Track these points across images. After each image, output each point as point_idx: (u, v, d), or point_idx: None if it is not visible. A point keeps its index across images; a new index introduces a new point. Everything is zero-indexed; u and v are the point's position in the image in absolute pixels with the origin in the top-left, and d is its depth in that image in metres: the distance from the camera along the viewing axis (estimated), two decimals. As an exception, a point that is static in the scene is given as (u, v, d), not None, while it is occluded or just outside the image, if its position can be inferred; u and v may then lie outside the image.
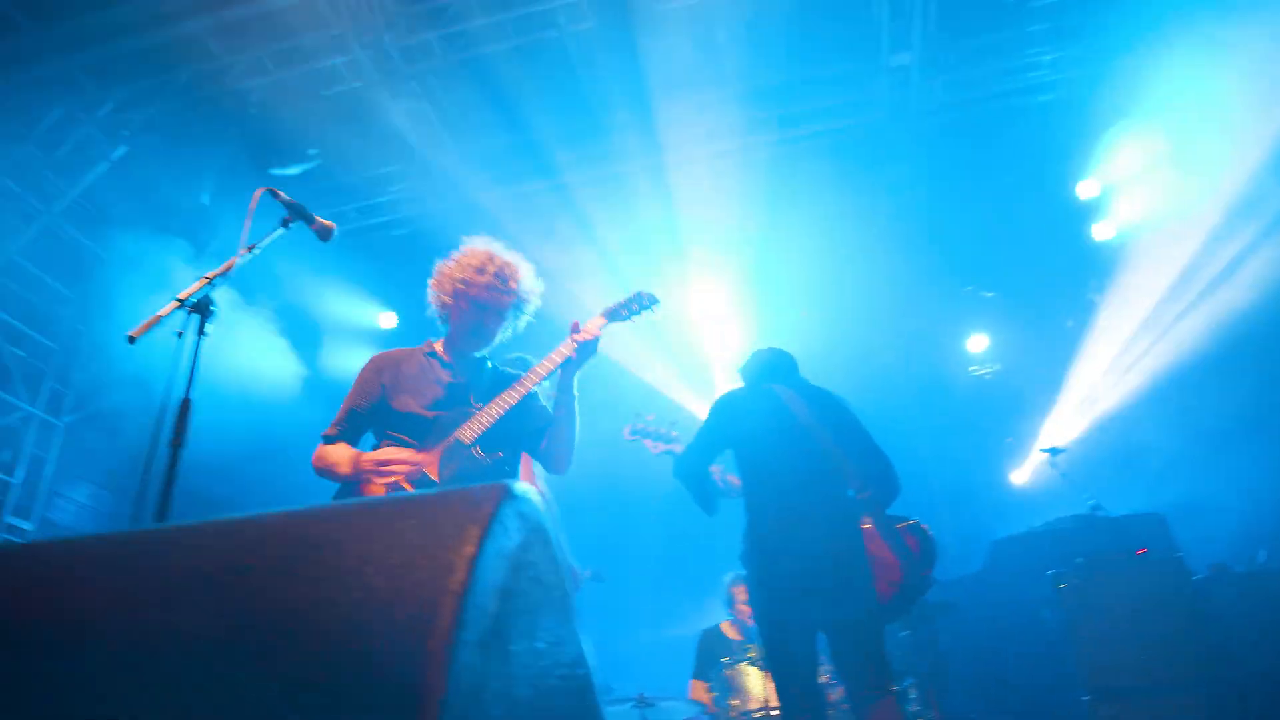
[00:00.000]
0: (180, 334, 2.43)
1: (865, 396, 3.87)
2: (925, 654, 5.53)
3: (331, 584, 0.65)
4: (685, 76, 7.11)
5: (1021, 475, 8.86)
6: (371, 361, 3.21)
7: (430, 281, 3.28)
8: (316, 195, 8.02)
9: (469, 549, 0.66)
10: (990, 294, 9.09)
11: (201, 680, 0.63)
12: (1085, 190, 8.06)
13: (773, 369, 4.00)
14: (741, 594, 5.84)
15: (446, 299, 3.19)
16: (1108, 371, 8.24)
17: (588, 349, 3.13)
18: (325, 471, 2.98)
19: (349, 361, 8.71)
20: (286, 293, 8.20)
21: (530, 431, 3.16)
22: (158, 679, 0.65)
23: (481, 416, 2.97)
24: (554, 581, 0.80)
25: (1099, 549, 5.55)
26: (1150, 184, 7.79)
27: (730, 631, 5.89)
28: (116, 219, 7.63)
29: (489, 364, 3.29)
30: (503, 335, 3.24)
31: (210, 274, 2.55)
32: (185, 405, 2.37)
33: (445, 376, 3.14)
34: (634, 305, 3.39)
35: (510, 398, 2.99)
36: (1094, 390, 8.36)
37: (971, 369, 9.60)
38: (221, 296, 2.60)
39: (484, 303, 3.15)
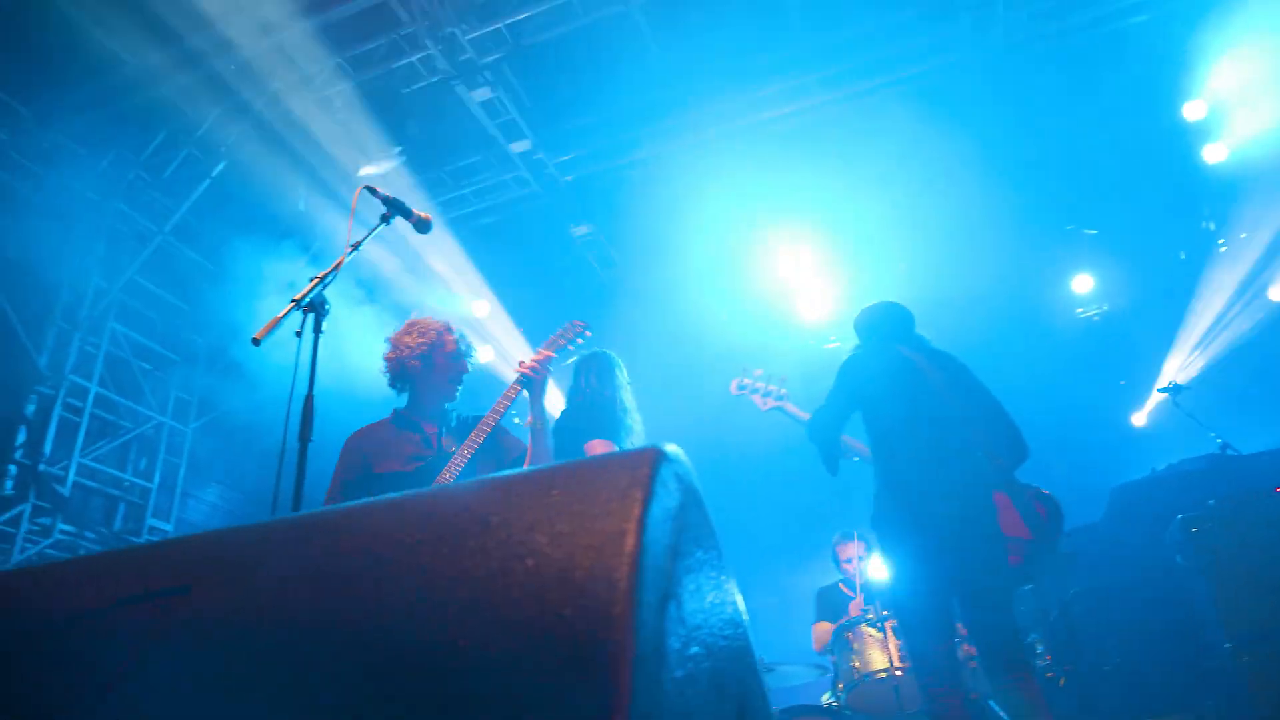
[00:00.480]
0: (298, 333, 2.54)
1: (970, 346, 3.76)
2: (1051, 606, 5.38)
3: (503, 553, 0.67)
4: (760, 37, 6.99)
5: (1140, 418, 8.49)
6: (350, 439, 3.46)
7: (390, 354, 3.53)
8: (402, 192, 8.23)
9: (636, 510, 0.66)
10: (1093, 231, 8.68)
11: (389, 655, 0.66)
12: (1192, 112, 7.57)
13: (893, 326, 3.91)
14: (848, 550, 5.79)
15: (415, 362, 3.45)
16: (1231, 302, 7.78)
17: (539, 377, 3.44)
18: None
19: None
20: (380, 289, 8.46)
21: (510, 461, 3.46)
22: (345, 658, 0.68)
23: (456, 459, 3.24)
24: (710, 541, 0.80)
25: (1231, 489, 5.28)
26: (1262, 99, 7.28)
27: (841, 587, 5.85)
28: (221, 231, 8.00)
29: (454, 414, 3.58)
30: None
31: (320, 274, 2.64)
32: (309, 402, 2.48)
33: (415, 435, 3.42)
34: (570, 333, 3.73)
35: (478, 437, 3.29)
36: (1217, 323, 7.92)
37: (1078, 311, 9.22)
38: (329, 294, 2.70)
39: (454, 357, 3.53)
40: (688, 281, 8.66)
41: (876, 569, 6.00)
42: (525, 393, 3.44)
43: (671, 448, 0.81)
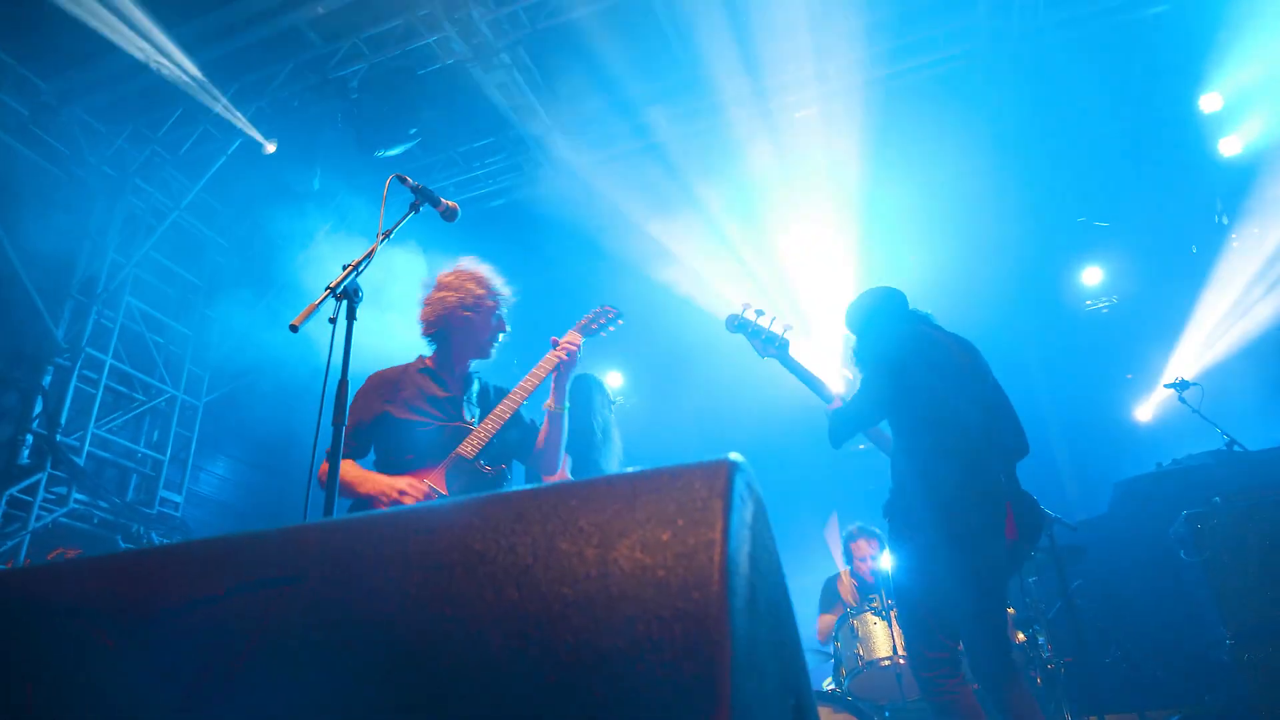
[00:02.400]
0: (332, 320, 2.58)
1: (977, 338, 3.73)
2: (1054, 598, 5.45)
3: (599, 557, 0.72)
4: (775, 25, 6.99)
5: (1145, 412, 8.53)
6: (369, 380, 3.35)
7: (430, 298, 3.39)
8: (416, 173, 8.25)
9: (720, 520, 0.72)
10: (1105, 224, 8.69)
11: (497, 657, 0.71)
12: (1208, 104, 7.57)
13: (902, 310, 3.76)
14: (862, 549, 5.85)
15: (466, 313, 3.32)
16: (1241, 298, 7.80)
17: (570, 362, 3.32)
18: (342, 488, 3.00)
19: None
20: (393, 272, 8.50)
21: (520, 441, 3.34)
22: (445, 656, 0.74)
23: (480, 431, 3.12)
24: (773, 546, 0.86)
25: (1237, 485, 5.33)
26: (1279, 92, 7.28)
27: (845, 580, 5.92)
28: (235, 208, 8.04)
29: (476, 379, 3.46)
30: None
31: (353, 262, 2.69)
32: (342, 387, 2.53)
33: (440, 392, 3.29)
34: (602, 320, 3.57)
35: (504, 411, 3.17)
36: (1225, 320, 7.94)
37: (1087, 303, 9.25)
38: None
39: (496, 316, 3.38)
40: (700, 265, 8.69)
41: (885, 560, 6.08)
42: (558, 371, 3.31)
43: (738, 457, 0.87)
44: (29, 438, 7.00)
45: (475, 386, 3.44)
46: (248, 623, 0.78)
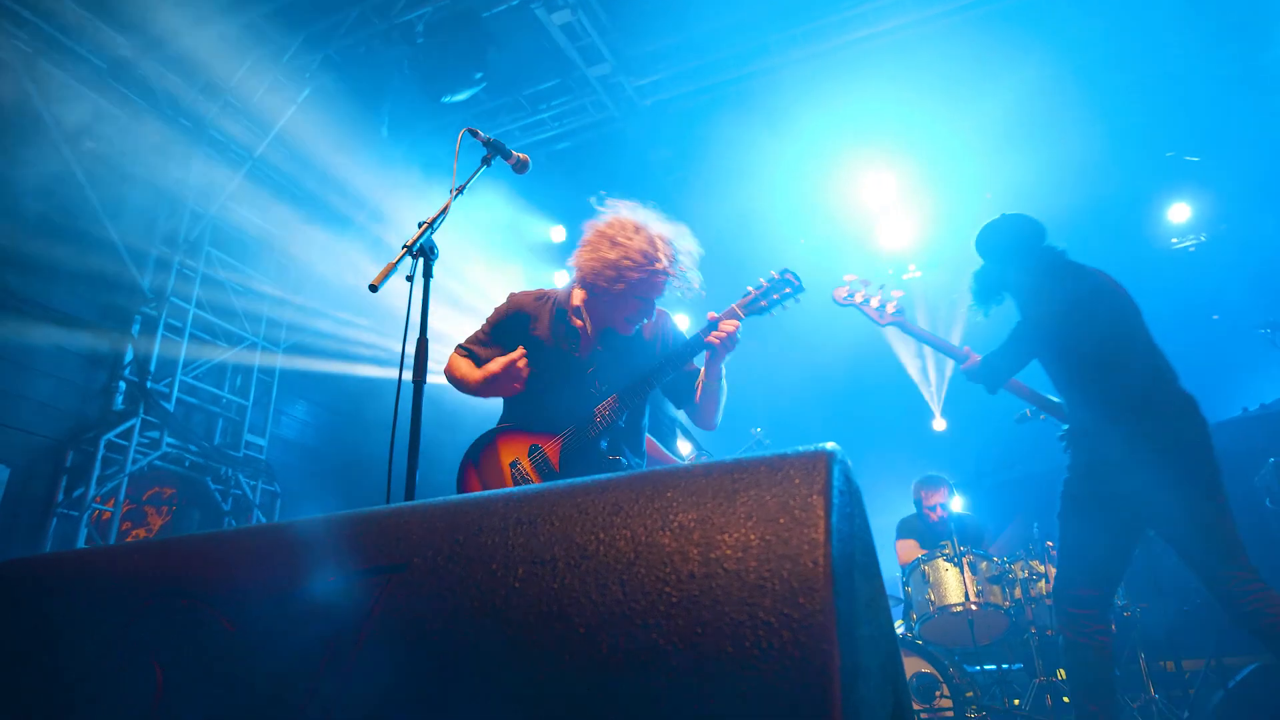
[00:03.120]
0: (409, 278, 2.62)
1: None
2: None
3: (702, 556, 0.73)
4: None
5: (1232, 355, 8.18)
6: (508, 302, 3.19)
7: (585, 248, 3.02)
8: (481, 116, 8.25)
9: (822, 522, 0.72)
10: (1195, 158, 8.25)
11: (605, 656, 0.73)
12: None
13: (1041, 242, 3.76)
14: (934, 497, 5.83)
15: (605, 276, 2.92)
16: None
17: (726, 347, 2.94)
18: (452, 379, 3.12)
19: (530, 277, 9.07)
20: (463, 217, 8.57)
21: (677, 386, 3.14)
22: (551, 647, 0.76)
23: (605, 410, 2.94)
24: (869, 538, 0.86)
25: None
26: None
27: (910, 533, 5.90)
28: (309, 156, 8.16)
29: (614, 332, 3.11)
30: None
31: (429, 219, 2.71)
32: (422, 344, 2.58)
33: (570, 345, 3.06)
34: (774, 294, 3.02)
35: (637, 400, 2.96)
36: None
37: (1173, 241, 8.85)
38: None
39: (647, 296, 2.95)
40: (767, 209, 8.55)
41: (956, 505, 6.04)
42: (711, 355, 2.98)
43: (834, 447, 0.87)
44: (122, 385, 7.33)
45: (617, 347, 3.10)
46: (359, 610, 0.81)
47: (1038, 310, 3.53)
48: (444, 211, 2.76)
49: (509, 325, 3.16)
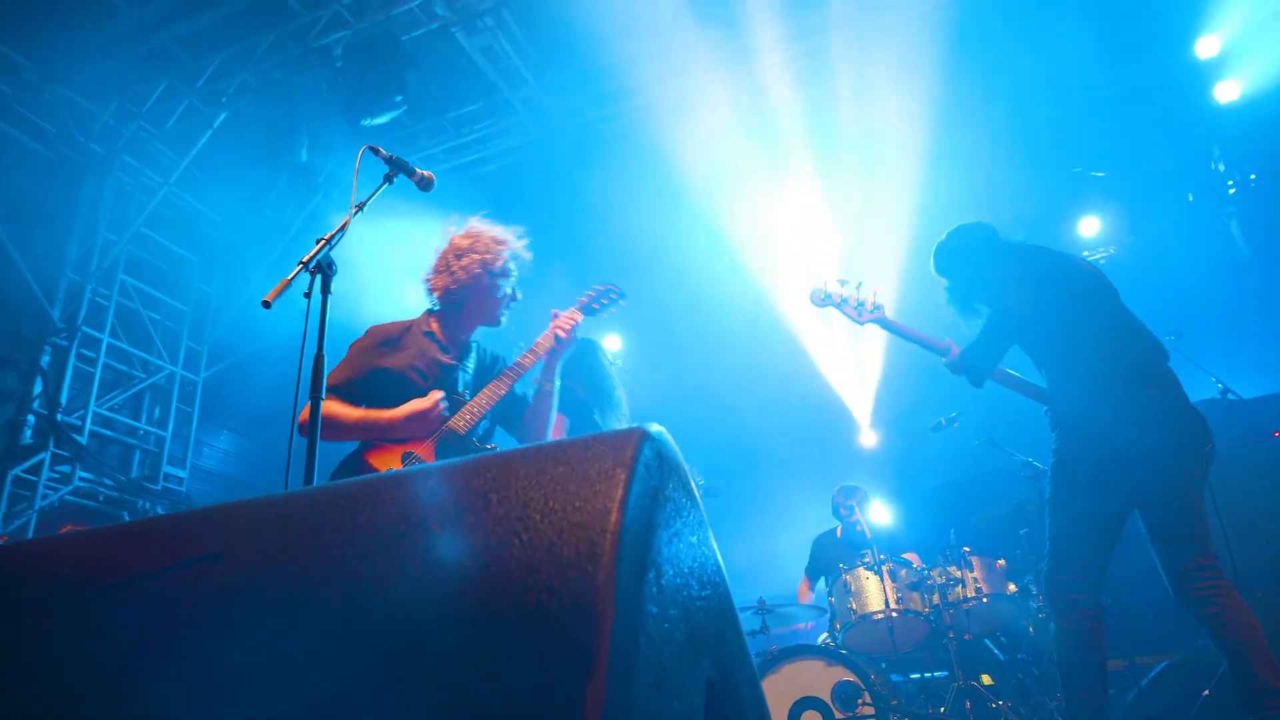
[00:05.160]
0: (306, 295, 2.59)
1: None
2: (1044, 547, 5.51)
3: (501, 529, 0.74)
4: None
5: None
6: (367, 334, 3.26)
7: (446, 259, 3.27)
8: (404, 140, 8.21)
9: (619, 491, 0.74)
10: (1101, 174, 8.61)
11: (393, 622, 0.74)
12: (1204, 49, 7.45)
13: (1016, 241, 3.78)
14: (849, 506, 5.94)
15: (464, 277, 3.20)
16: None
17: (568, 341, 3.24)
18: (330, 424, 2.95)
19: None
20: (383, 239, 8.48)
21: (509, 413, 3.31)
22: (353, 627, 0.76)
23: (473, 406, 3.08)
24: (692, 512, 0.88)
25: (1230, 433, 5.35)
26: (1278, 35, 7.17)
27: (839, 537, 6.01)
28: (224, 182, 8.01)
29: (475, 347, 3.38)
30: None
31: (326, 236, 2.69)
32: (318, 360, 2.55)
33: (442, 358, 3.21)
34: (604, 299, 3.46)
35: (500, 388, 3.13)
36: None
37: (1084, 254, 9.20)
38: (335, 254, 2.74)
39: (506, 284, 3.27)
40: (693, 228, 8.66)
41: (877, 515, 6.15)
42: (555, 349, 3.25)
43: (656, 428, 0.88)
44: (30, 418, 7.06)
45: (474, 355, 3.36)
46: (173, 600, 0.80)
47: (1011, 295, 3.52)
48: (343, 229, 2.74)
49: (372, 353, 3.20)
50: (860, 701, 4.28)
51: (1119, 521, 3.32)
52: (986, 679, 4.95)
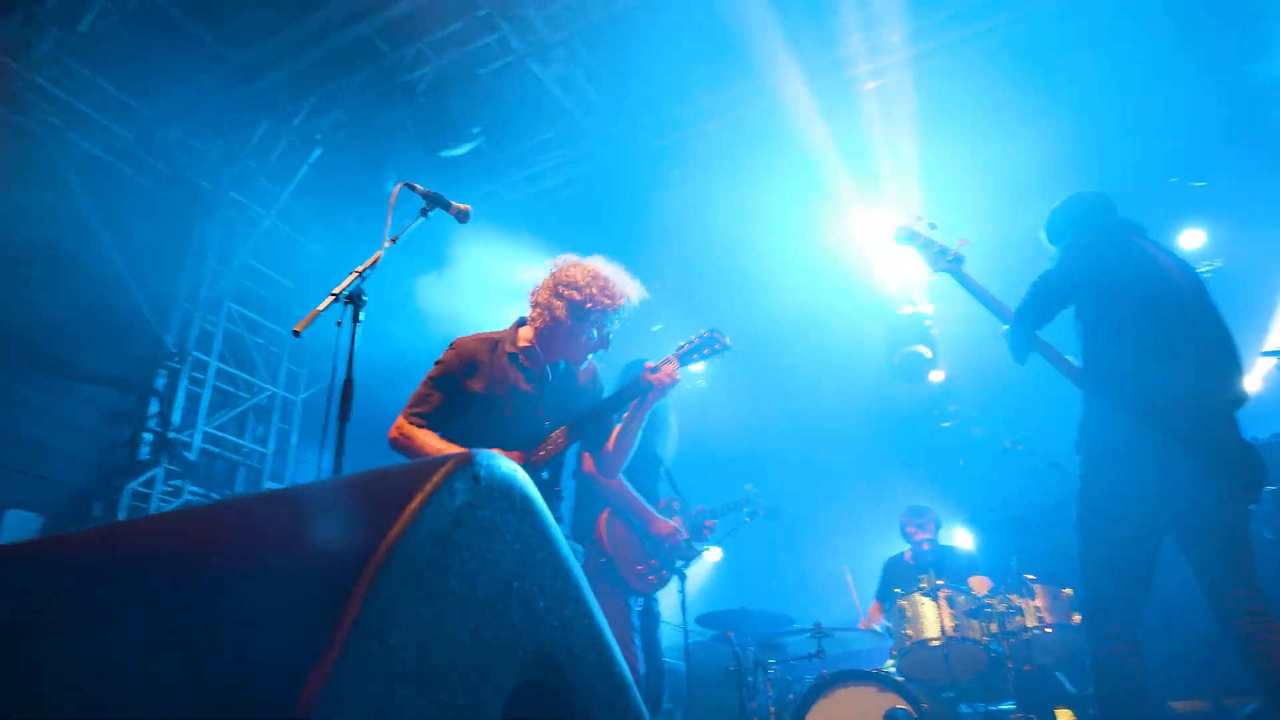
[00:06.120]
0: (339, 324, 2.79)
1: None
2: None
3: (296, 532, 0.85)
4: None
5: (1250, 382, 8.00)
6: (453, 349, 3.23)
7: (545, 286, 3.24)
8: (488, 169, 8.53)
9: (411, 505, 0.83)
10: (1201, 184, 8.15)
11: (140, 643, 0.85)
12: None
13: (1124, 219, 3.59)
14: (916, 528, 5.82)
15: (561, 313, 3.15)
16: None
17: (662, 393, 3.16)
18: (413, 452, 3.05)
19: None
20: (477, 269, 8.79)
21: (594, 436, 3.27)
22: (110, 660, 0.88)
23: (550, 443, 3.07)
24: (507, 534, 0.96)
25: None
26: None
27: (909, 560, 5.88)
28: (320, 213, 8.53)
29: (560, 372, 3.30)
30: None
31: (359, 268, 2.89)
32: (348, 386, 2.73)
33: (524, 384, 3.17)
34: (705, 349, 3.29)
35: (577, 435, 3.11)
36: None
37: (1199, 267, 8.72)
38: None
39: (602, 332, 3.19)
40: (768, 246, 8.65)
41: (957, 538, 6.00)
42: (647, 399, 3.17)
43: (488, 454, 0.97)
44: (147, 436, 7.66)
45: (560, 383, 3.29)
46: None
47: (1092, 260, 3.33)
48: (374, 263, 2.93)
49: (458, 371, 3.20)
50: (909, 730, 4.19)
51: (1154, 545, 3.15)
52: (1066, 714, 4.73)
